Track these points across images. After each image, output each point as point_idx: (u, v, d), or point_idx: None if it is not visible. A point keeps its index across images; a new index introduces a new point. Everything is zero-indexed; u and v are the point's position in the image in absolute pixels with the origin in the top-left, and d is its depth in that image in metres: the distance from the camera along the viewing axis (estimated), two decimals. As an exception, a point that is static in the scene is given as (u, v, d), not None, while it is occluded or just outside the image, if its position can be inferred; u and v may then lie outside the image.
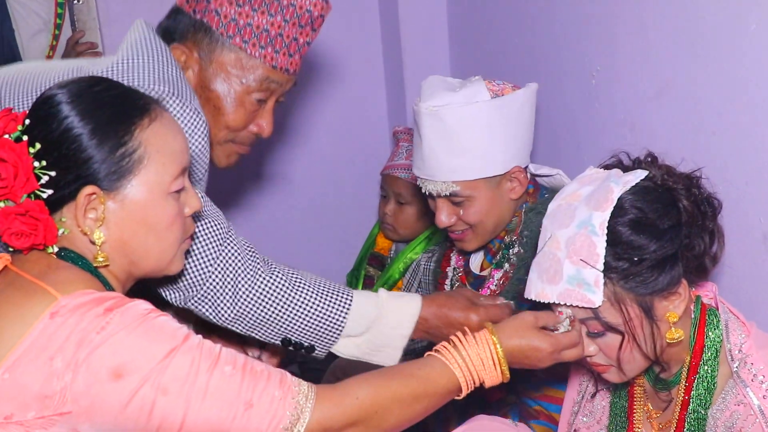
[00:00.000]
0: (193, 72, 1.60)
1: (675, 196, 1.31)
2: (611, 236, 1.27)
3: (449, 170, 1.72)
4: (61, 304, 1.08)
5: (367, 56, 3.00)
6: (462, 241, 1.84)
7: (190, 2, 1.60)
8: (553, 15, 2.17)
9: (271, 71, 1.60)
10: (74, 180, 1.15)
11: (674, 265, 1.29)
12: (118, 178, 1.16)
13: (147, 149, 1.18)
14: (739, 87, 1.53)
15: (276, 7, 1.57)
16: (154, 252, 1.22)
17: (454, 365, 1.26)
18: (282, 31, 1.58)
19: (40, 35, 2.80)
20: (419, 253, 2.52)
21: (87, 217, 1.16)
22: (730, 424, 1.29)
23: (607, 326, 1.31)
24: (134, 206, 1.18)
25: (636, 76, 1.84)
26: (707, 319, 1.34)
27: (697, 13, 1.61)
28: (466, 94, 1.71)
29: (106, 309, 1.08)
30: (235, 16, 1.56)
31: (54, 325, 1.06)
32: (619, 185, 1.30)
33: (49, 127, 1.15)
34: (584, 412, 1.57)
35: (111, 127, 1.16)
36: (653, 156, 1.38)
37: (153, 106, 1.22)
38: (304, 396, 1.14)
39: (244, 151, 1.70)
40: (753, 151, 1.52)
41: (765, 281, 1.55)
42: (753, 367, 1.28)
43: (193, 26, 1.59)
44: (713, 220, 1.33)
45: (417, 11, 2.82)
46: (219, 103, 1.60)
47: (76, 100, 1.17)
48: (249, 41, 1.57)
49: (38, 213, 1.13)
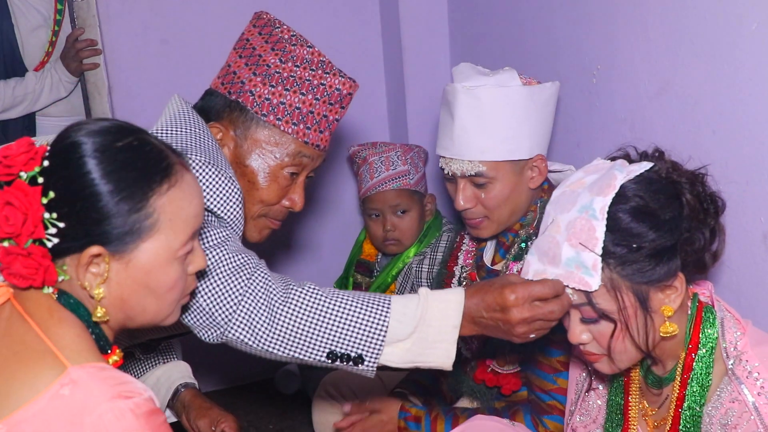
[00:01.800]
0: (228, 149, 1.67)
1: (678, 189, 1.32)
2: (612, 222, 1.28)
3: (478, 149, 1.77)
4: (71, 376, 1.07)
5: (367, 57, 3.00)
6: (477, 228, 1.86)
7: (225, 85, 1.69)
8: (554, 14, 2.18)
9: (303, 146, 1.67)
10: (83, 236, 1.12)
11: (672, 257, 1.29)
12: (128, 243, 1.14)
13: (161, 216, 1.16)
14: (739, 86, 1.53)
15: (307, 86, 1.65)
16: (151, 310, 1.21)
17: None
18: (313, 109, 1.66)
19: (40, 31, 2.80)
20: (411, 257, 2.52)
21: (89, 271, 1.15)
22: (725, 421, 1.29)
23: (600, 313, 1.32)
24: (139, 269, 1.16)
25: (636, 75, 1.84)
26: (703, 316, 1.35)
27: (698, 12, 1.61)
28: (499, 79, 1.77)
29: (118, 395, 1.07)
30: (268, 95, 1.65)
31: (62, 398, 1.05)
32: (623, 173, 1.31)
33: (68, 178, 1.12)
34: (580, 411, 1.57)
35: (130, 190, 1.14)
36: (660, 150, 1.39)
37: (176, 168, 1.19)
38: None
39: (276, 226, 1.75)
40: (753, 150, 1.52)
41: (765, 280, 1.55)
42: (748, 364, 1.28)
43: (228, 106, 1.67)
44: (715, 217, 1.34)
45: (417, 11, 2.82)
46: (254, 177, 1.67)
47: (100, 155, 1.13)
48: (282, 119, 1.65)
49: (40, 258, 1.11)
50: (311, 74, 1.66)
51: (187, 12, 2.81)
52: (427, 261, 2.49)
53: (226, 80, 1.70)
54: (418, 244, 2.52)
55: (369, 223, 2.56)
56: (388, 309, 1.45)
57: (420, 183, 2.50)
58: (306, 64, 1.66)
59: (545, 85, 1.80)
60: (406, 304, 1.46)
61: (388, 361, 1.47)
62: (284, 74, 1.65)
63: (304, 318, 1.44)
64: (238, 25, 2.82)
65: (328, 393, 2.28)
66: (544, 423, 1.76)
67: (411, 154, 2.49)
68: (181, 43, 2.81)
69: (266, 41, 1.69)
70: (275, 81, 1.64)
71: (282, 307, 1.44)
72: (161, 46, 2.80)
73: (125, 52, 2.77)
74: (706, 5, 1.59)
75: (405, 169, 2.45)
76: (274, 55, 1.66)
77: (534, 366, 1.78)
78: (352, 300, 1.47)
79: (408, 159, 2.47)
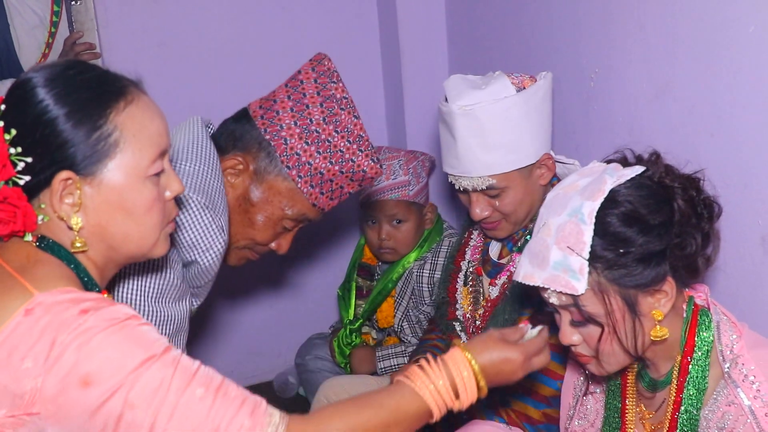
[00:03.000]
0: (242, 182, 1.69)
1: (670, 194, 1.31)
2: (600, 226, 1.28)
3: (485, 165, 1.78)
4: (37, 300, 1.06)
5: (365, 61, 3.00)
6: (494, 230, 1.89)
7: (264, 119, 1.68)
8: (552, 18, 2.18)
9: (310, 208, 1.71)
10: (50, 165, 1.12)
11: (661, 262, 1.29)
12: (94, 163, 1.14)
13: (123, 133, 1.16)
14: (737, 89, 1.53)
15: (338, 157, 1.67)
16: (134, 236, 1.20)
17: (424, 392, 1.23)
18: (333, 179, 1.68)
19: (36, 31, 2.79)
20: (411, 262, 2.52)
21: (63, 202, 1.15)
22: (722, 424, 1.29)
23: (587, 316, 1.32)
24: (111, 191, 1.16)
25: (634, 78, 1.84)
26: (699, 320, 1.35)
27: (696, 15, 1.61)
28: (492, 91, 1.77)
29: (82, 310, 1.06)
30: (299, 151, 1.66)
31: (27, 322, 1.05)
32: (614, 177, 1.31)
33: (24, 112, 1.13)
34: (579, 415, 1.57)
35: (86, 110, 1.14)
36: (657, 154, 1.38)
37: (130, 89, 1.20)
38: (275, 427, 1.11)
39: (254, 258, 1.79)
40: (751, 153, 1.52)
41: (763, 284, 1.55)
42: (744, 367, 1.28)
43: (258, 143, 1.67)
44: (709, 222, 1.34)
45: (415, 15, 2.82)
46: (254, 217, 1.70)
47: (51, 83, 1.14)
48: (303, 177, 1.67)
49: (16, 200, 1.11)
50: (346, 147, 1.67)
51: (185, 15, 2.81)
52: (428, 266, 2.49)
53: (266, 116, 1.69)
54: (419, 249, 2.51)
55: (366, 229, 2.56)
56: None
57: (420, 194, 2.48)
58: (345, 134, 1.67)
59: (538, 84, 1.79)
60: None
61: None
62: (322, 136, 1.66)
63: None
64: (236, 27, 2.85)
65: (326, 398, 2.28)
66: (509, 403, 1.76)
67: (414, 163, 2.47)
68: (179, 47, 2.82)
69: (318, 93, 1.69)
70: (311, 140, 1.66)
71: None
72: (159, 50, 2.80)
73: (123, 56, 2.77)
74: (703, 8, 1.59)
75: (405, 179, 2.44)
76: (320, 113, 1.67)
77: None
78: None
79: (410, 169, 2.45)
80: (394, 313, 2.54)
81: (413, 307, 2.51)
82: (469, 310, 1.99)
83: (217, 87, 2.83)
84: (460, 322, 2.01)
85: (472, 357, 1.27)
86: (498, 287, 1.90)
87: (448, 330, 2.06)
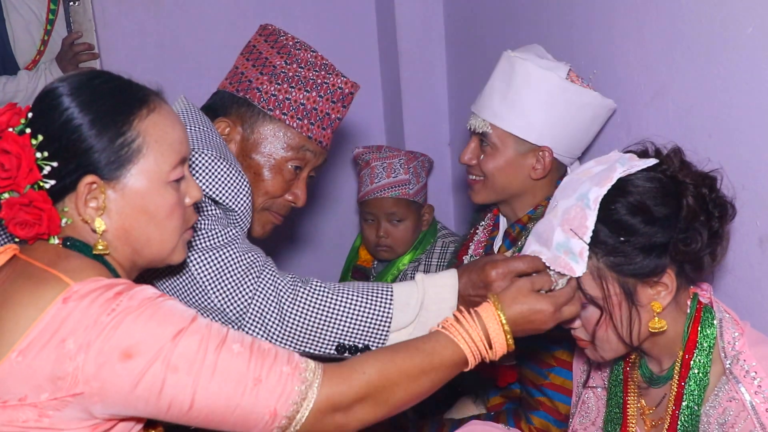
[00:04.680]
0: (235, 143, 1.73)
1: (681, 190, 1.33)
2: (605, 213, 1.31)
3: (492, 112, 1.83)
4: (74, 289, 1.11)
5: (364, 62, 3.01)
6: (472, 188, 1.92)
7: (233, 84, 1.76)
8: (550, 19, 2.18)
9: (307, 141, 1.74)
10: (75, 170, 1.18)
11: (661, 255, 1.31)
12: (118, 167, 1.19)
13: (146, 139, 1.21)
14: (735, 90, 1.53)
15: (311, 84, 1.72)
16: (155, 240, 1.25)
17: (459, 338, 1.27)
18: (317, 106, 1.73)
19: (32, 28, 2.79)
20: (406, 264, 2.53)
21: (88, 206, 1.19)
22: (723, 420, 1.29)
23: (588, 298, 1.35)
24: (134, 195, 1.21)
25: (633, 79, 1.84)
26: (702, 316, 1.36)
27: (694, 16, 1.61)
28: (546, 63, 1.81)
29: (116, 293, 1.11)
30: (275, 92, 1.71)
31: (66, 309, 1.09)
32: (624, 167, 1.34)
33: (51, 119, 1.18)
34: (581, 412, 1.58)
35: (110, 117, 1.19)
36: (677, 149, 1.40)
37: (152, 97, 1.25)
38: (312, 372, 1.16)
39: (278, 221, 1.81)
40: (749, 153, 1.52)
41: (761, 284, 1.55)
42: (746, 363, 1.29)
43: (236, 102, 1.74)
44: (720, 222, 1.35)
45: (414, 15, 2.82)
46: (259, 170, 1.73)
47: (76, 92, 1.20)
48: (288, 113, 1.71)
49: (42, 203, 1.16)
50: (315, 74, 1.72)
51: (183, 16, 2.81)
52: (421, 267, 2.51)
53: (233, 80, 1.76)
54: (413, 252, 2.53)
55: (364, 227, 2.57)
56: (391, 299, 1.55)
57: (419, 194, 2.50)
58: (310, 66, 1.73)
59: (587, 90, 1.81)
60: (407, 292, 1.56)
61: None
62: (289, 74, 1.71)
63: (312, 314, 1.53)
64: (234, 28, 2.84)
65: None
66: (529, 419, 1.76)
67: (415, 163, 2.48)
68: (177, 47, 2.82)
69: (272, 47, 1.76)
70: (281, 79, 1.71)
71: (291, 305, 1.53)
72: (157, 50, 2.81)
73: (121, 56, 2.78)
74: (701, 9, 1.59)
75: (406, 178, 2.45)
76: (280, 58, 1.73)
77: (528, 360, 1.78)
78: (357, 293, 1.55)
79: (411, 168, 2.46)
80: (388, 314, 2.55)
81: (408, 308, 2.52)
82: None
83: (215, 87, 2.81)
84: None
85: (502, 312, 1.31)
86: None
87: None
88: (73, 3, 2.69)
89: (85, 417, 1.10)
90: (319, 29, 2.92)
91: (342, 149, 3.04)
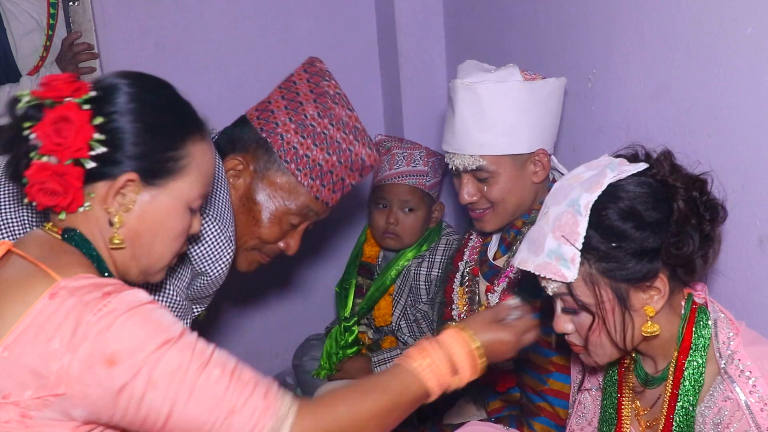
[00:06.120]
0: (244, 181, 1.71)
1: (672, 193, 1.32)
2: (597, 219, 1.30)
3: (478, 144, 1.80)
4: (60, 285, 1.10)
5: (363, 59, 3.00)
6: (481, 220, 1.89)
7: (260, 120, 1.73)
8: (549, 19, 2.18)
9: (313, 201, 1.74)
10: (120, 162, 1.19)
11: (653, 259, 1.31)
12: (160, 177, 1.23)
13: (191, 162, 1.26)
14: (735, 90, 1.53)
15: (335, 148, 1.71)
16: (156, 254, 1.27)
17: (426, 373, 1.28)
18: (333, 170, 1.72)
19: (33, 34, 2.79)
20: (410, 260, 2.53)
21: (116, 200, 1.21)
22: (718, 420, 1.30)
23: (580, 304, 1.34)
24: (160, 206, 1.24)
25: (632, 79, 1.84)
26: (697, 317, 1.36)
27: (693, 16, 1.61)
28: (499, 75, 1.81)
29: (105, 293, 1.10)
30: (296, 144, 1.69)
31: (53, 305, 1.09)
32: (614, 172, 1.33)
33: (115, 107, 1.19)
34: (577, 413, 1.59)
35: (170, 128, 1.24)
36: (667, 153, 1.39)
37: (205, 127, 1.31)
38: (287, 408, 1.16)
39: (265, 262, 1.81)
40: (748, 153, 1.52)
41: (760, 285, 1.55)
42: (740, 363, 1.29)
43: (256, 142, 1.71)
44: (711, 224, 1.34)
45: (413, 13, 2.82)
46: (258, 215, 1.72)
47: (144, 93, 1.23)
48: (302, 170, 1.70)
49: (74, 179, 1.17)
50: (342, 137, 1.70)
51: (183, 16, 2.81)
52: (425, 263, 2.51)
53: (262, 116, 1.73)
54: (417, 248, 2.53)
55: (374, 212, 2.56)
56: None
57: (434, 188, 2.51)
58: (341, 126, 1.70)
59: (548, 80, 1.82)
60: None
61: None
62: (317, 129, 1.69)
63: None
64: (234, 29, 2.84)
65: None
66: (531, 425, 1.76)
67: (434, 159, 2.51)
68: (177, 47, 2.81)
69: (311, 90, 1.73)
70: (307, 133, 1.69)
71: None
72: (157, 51, 2.80)
73: (121, 57, 2.77)
74: (701, 9, 1.59)
75: (424, 170, 2.47)
76: (314, 108, 1.70)
77: (527, 366, 1.78)
78: None
79: (429, 162, 2.49)
80: (391, 311, 2.55)
81: (411, 305, 2.53)
82: (465, 311, 1.99)
83: (214, 88, 2.83)
84: (455, 323, 2.01)
85: (472, 335, 1.34)
86: (497, 293, 1.90)
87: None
88: (73, 3, 2.69)
89: (64, 419, 1.10)
90: (319, 28, 2.92)
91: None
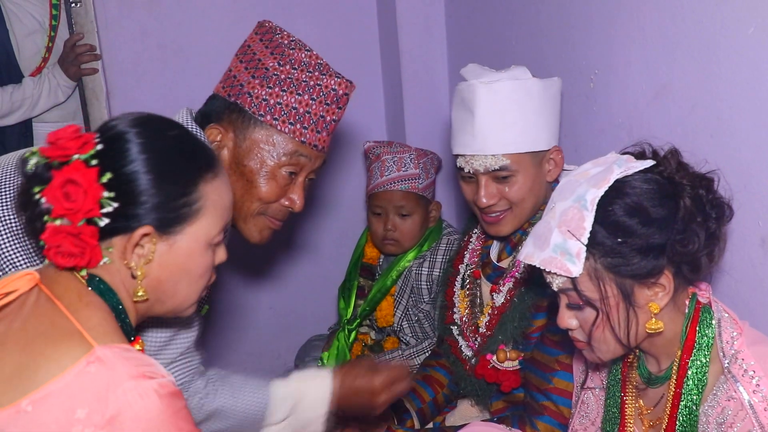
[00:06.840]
0: (228, 149, 1.70)
1: (678, 191, 1.33)
2: (603, 214, 1.30)
3: (501, 143, 1.79)
4: (97, 354, 1.09)
5: (365, 60, 3.01)
6: (498, 224, 1.87)
7: (226, 88, 1.72)
8: (551, 19, 2.18)
9: (300, 146, 1.70)
10: (134, 217, 1.18)
11: (659, 256, 1.31)
12: (175, 224, 1.21)
13: (205, 202, 1.24)
14: (737, 90, 1.53)
15: (304, 87, 1.68)
16: (181, 295, 1.27)
17: None
18: (309, 109, 1.69)
19: (35, 36, 2.80)
20: (411, 260, 2.53)
21: (135, 253, 1.20)
22: (722, 419, 1.30)
23: (585, 299, 1.34)
24: (180, 252, 1.23)
25: (634, 79, 1.84)
26: (700, 316, 1.36)
27: (695, 16, 1.61)
28: (511, 74, 1.81)
29: (141, 374, 1.09)
30: (266, 96, 1.67)
31: (88, 374, 1.08)
32: (621, 168, 1.34)
33: (123, 161, 1.18)
34: (580, 413, 1.59)
35: (180, 175, 1.22)
36: (674, 151, 1.40)
37: (217, 161, 1.29)
38: None
39: (276, 226, 1.78)
40: (751, 153, 1.52)
41: (763, 285, 1.55)
42: (744, 362, 1.29)
43: (227, 108, 1.70)
44: (717, 222, 1.34)
45: (415, 14, 2.82)
46: (252, 177, 1.69)
47: (150, 142, 1.20)
48: (279, 118, 1.67)
49: (89, 238, 1.15)
50: (308, 76, 1.69)
51: (185, 17, 2.81)
52: (426, 264, 2.51)
53: (226, 84, 1.73)
54: (418, 248, 2.53)
55: (371, 220, 2.57)
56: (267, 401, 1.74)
57: (428, 189, 2.51)
58: (303, 67, 1.69)
59: (553, 79, 1.84)
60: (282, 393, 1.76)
61: None
62: (281, 76, 1.68)
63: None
64: (235, 29, 2.84)
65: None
66: (534, 424, 1.76)
67: (425, 159, 2.50)
68: (179, 48, 2.82)
69: (266, 46, 1.73)
70: (272, 83, 1.68)
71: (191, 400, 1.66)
72: (159, 51, 2.81)
73: (123, 57, 2.78)
74: (703, 9, 1.59)
75: (416, 172, 2.47)
76: (273, 59, 1.69)
77: (532, 364, 1.78)
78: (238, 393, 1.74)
79: (420, 163, 2.48)
80: (393, 311, 2.56)
81: (412, 305, 2.53)
82: (466, 314, 1.99)
83: (216, 88, 2.82)
84: (457, 326, 2.01)
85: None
86: (503, 294, 1.89)
87: (446, 334, 2.06)
88: (75, 5, 2.69)
89: None
90: (320, 29, 2.92)
91: (343, 149, 3.04)
